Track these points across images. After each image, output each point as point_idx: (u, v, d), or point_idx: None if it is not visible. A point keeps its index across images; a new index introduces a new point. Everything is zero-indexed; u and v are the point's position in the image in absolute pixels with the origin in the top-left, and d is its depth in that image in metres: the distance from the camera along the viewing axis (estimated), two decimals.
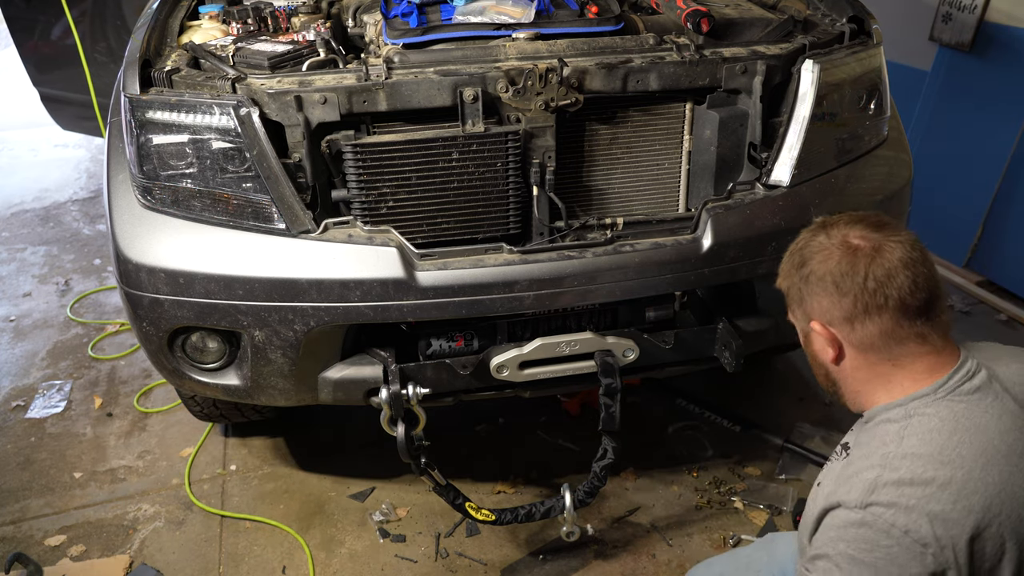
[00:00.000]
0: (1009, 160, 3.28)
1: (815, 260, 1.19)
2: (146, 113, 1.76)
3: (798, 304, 1.24)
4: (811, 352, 1.27)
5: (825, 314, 1.18)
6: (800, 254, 1.22)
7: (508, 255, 1.80)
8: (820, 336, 1.21)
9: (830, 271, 1.16)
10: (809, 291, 1.19)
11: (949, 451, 1.09)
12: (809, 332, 1.23)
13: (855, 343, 1.18)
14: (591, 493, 2.07)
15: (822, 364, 1.26)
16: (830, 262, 1.16)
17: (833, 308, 1.17)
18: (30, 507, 2.49)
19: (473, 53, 1.88)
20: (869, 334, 1.16)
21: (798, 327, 1.28)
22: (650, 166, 2.07)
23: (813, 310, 1.20)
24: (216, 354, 1.93)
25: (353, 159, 1.79)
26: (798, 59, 1.94)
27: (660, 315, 2.06)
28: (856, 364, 1.20)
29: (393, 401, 1.86)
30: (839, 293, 1.15)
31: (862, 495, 1.09)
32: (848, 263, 1.15)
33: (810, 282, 1.19)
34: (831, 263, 1.16)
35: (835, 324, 1.18)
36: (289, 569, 2.25)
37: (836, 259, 1.16)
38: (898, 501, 1.06)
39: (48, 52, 4.15)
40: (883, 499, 1.07)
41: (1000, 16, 3.20)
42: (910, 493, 1.06)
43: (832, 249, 1.17)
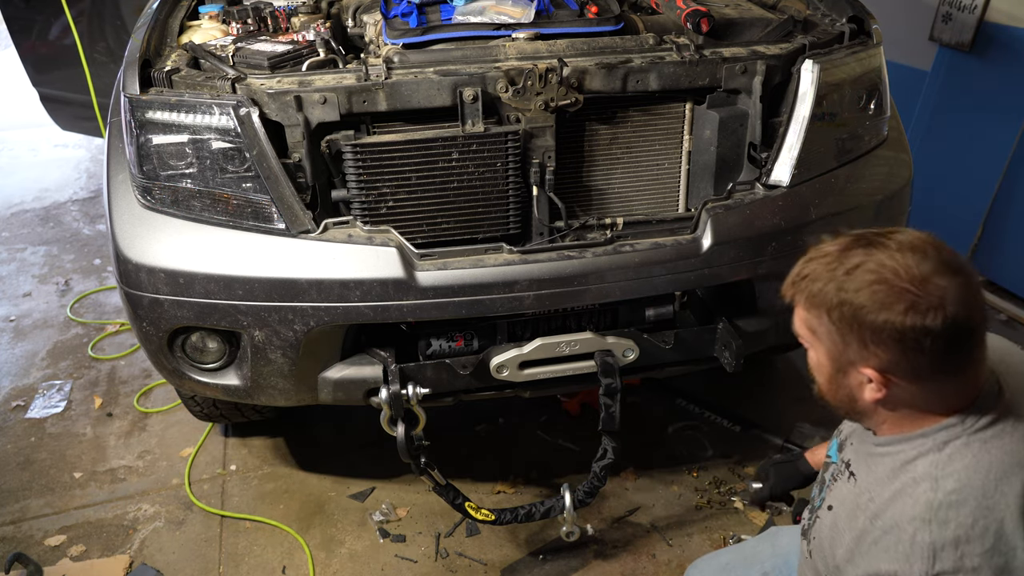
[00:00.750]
0: (1009, 160, 3.28)
1: (890, 309, 0.99)
2: (146, 113, 1.76)
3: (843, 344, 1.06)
4: (839, 383, 1.11)
5: (888, 366, 1.03)
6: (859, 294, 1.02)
7: (508, 255, 1.80)
8: (867, 379, 1.06)
9: (912, 327, 0.98)
10: (875, 341, 1.02)
11: (991, 492, 1.02)
12: (848, 370, 1.08)
13: (913, 393, 1.06)
14: (591, 493, 2.07)
15: (852, 396, 1.11)
16: (911, 316, 0.98)
17: (903, 363, 1.02)
18: (30, 507, 2.49)
19: (473, 53, 1.88)
20: (935, 389, 1.06)
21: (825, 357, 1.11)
22: (650, 166, 2.07)
23: (872, 359, 1.04)
24: (216, 354, 1.93)
25: (353, 159, 1.79)
26: (798, 59, 1.94)
27: (660, 315, 2.06)
28: (900, 404, 1.08)
29: (393, 401, 1.86)
30: (917, 350, 1.00)
31: (924, 566, 1.01)
32: (935, 318, 0.97)
33: (880, 333, 1.00)
34: (914, 317, 0.98)
35: (897, 375, 1.04)
36: (289, 569, 2.25)
37: (921, 312, 0.98)
38: (963, 565, 1.00)
39: (47, 52, 4.15)
40: (947, 567, 1.00)
41: (1000, 16, 3.20)
42: (970, 551, 1.00)
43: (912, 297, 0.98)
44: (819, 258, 1.08)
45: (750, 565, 1.57)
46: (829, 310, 1.05)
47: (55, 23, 4.01)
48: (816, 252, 1.10)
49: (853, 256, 1.04)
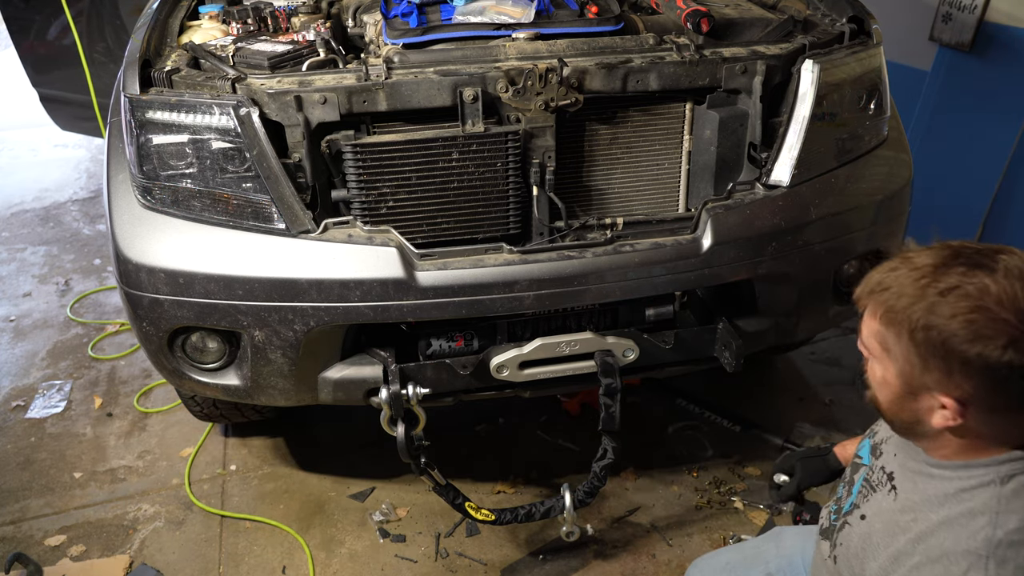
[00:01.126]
0: (1009, 160, 3.28)
1: (984, 344, 0.91)
2: (146, 113, 1.76)
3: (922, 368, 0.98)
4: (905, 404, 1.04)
5: (969, 398, 0.96)
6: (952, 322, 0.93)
7: (508, 255, 1.80)
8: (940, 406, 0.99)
9: (1007, 364, 0.91)
10: (962, 372, 0.94)
11: None
12: (920, 393, 1.00)
13: (984, 425, 0.99)
14: (591, 493, 2.07)
15: (918, 421, 1.04)
16: (1009, 353, 0.91)
17: (987, 397, 0.96)
18: (30, 507, 2.49)
19: (473, 53, 1.88)
20: (1012, 422, 0.99)
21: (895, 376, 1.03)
22: (650, 166, 2.07)
23: (952, 389, 0.96)
24: (216, 354, 1.93)
25: (353, 159, 1.79)
26: (798, 59, 1.94)
27: (660, 315, 2.06)
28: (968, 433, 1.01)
29: (393, 401, 1.86)
30: (1004, 385, 0.93)
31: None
32: None
33: (971, 367, 0.93)
34: (1011, 354, 0.91)
35: (975, 406, 0.97)
36: (289, 569, 2.25)
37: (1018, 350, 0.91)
38: None
39: (46, 52, 4.15)
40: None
41: (1000, 16, 3.20)
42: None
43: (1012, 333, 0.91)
44: (908, 270, 0.98)
45: (753, 565, 1.57)
46: (913, 331, 0.96)
47: (54, 23, 4.01)
48: (904, 262, 1.00)
49: (950, 275, 0.95)
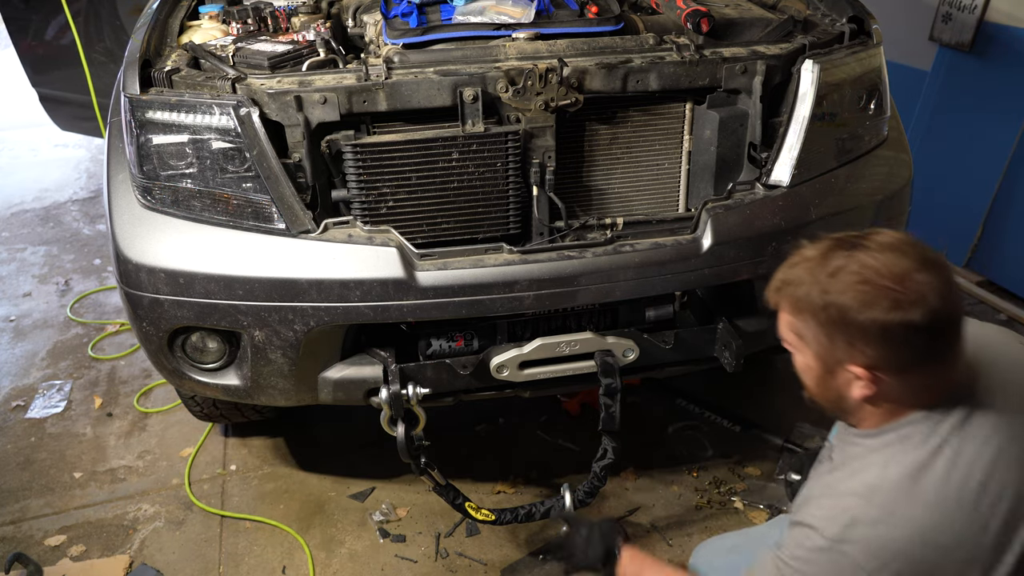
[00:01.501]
0: (1009, 160, 3.28)
1: (874, 307, 1.04)
2: (146, 113, 1.76)
3: (830, 344, 1.10)
4: (828, 384, 1.16)
5: (876, 362, 1.08)
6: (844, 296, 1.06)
7: (508, 255, 1.80)
8: (855, 377, 1.11)
9: (898, 322, 1.03)
10: (862, 339, 1.06)
11: (928, 489, 1.08)
12: (836, 369, 1.12)
13: (898, 387, 1.10)
14: (591, 493, 2.07)
15: (840, 395, 1.16)
16: (896, 312, 1.03)
17: (891, 358, 1.07)
18: (30, 507, 2.49)
19: (473, 53, 1.88)
20: (920, 381, 1.10)
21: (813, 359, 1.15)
22: (650, 166, 2.07)
23: (859, 357, 1.08)
24: (216, 354, 1.93)
25: (353, 159, 1.79)
26: (798, 59, 1.94)
27: (660, 315, 2.06)
28: (886, 399, 1.13)
29: (393, 401, 1.86)
30: (903, 344, 1.05)
31: (839, 530, 1.09)
32: (917, 312, 1.02)
33: (867, 331, 1.05)
34: (898, 313, 1.03)
35: (884, 371, 1.08)
36: (289, 569, 2.25)
37: (904, 308, 1.03)
38: (870, 542, 1.07)
39: (45, 52, 4.15)
40: (855, 537, 1.08)
41: (1000, 16, 3.20)
42: (882, 534, 1.07)
43: (894, 295, 1.03)
44: (801, 263, 1.12)
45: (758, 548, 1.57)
46: (815, 313, 1.09)
47: (52, 23, 4.01)
48: (798, 257, 1.13)
49: (835, 259, 1.08)
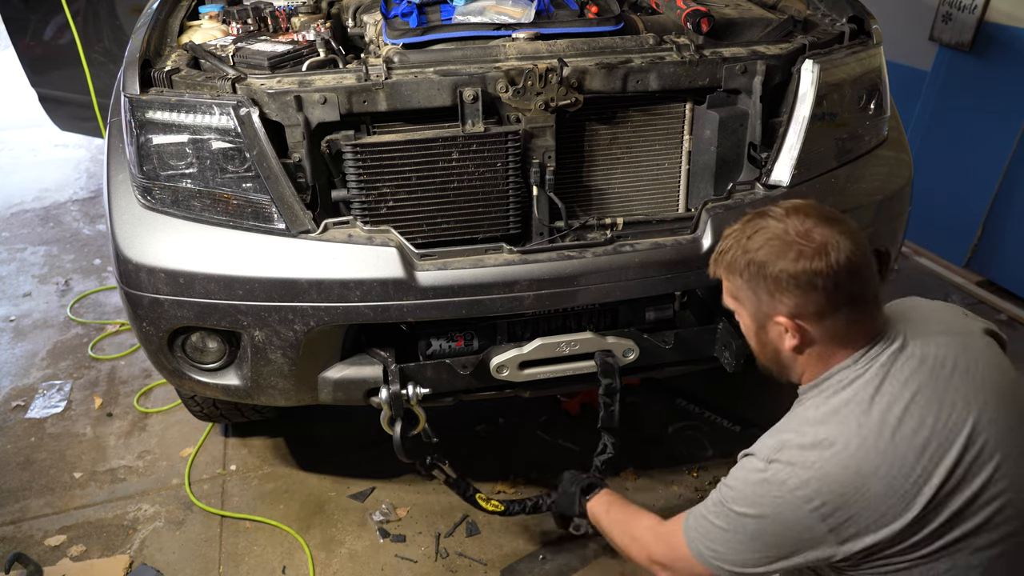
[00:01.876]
0: (1009, 160, 3.28)
1: (783, 259, 1.21)
2: (146, 113, 1.76)
3: (756, 299, 1.27)
4: (764, 339, 1.33)
5: (795, 309, 1.23)
6: (759, 252, 1.24)
7: (508, 255, 1.80)
8: (783, 328, 1.26)
9: (803, 270, 1.20)
10: (778, 289, 1.23)
11: (851, 420, 1.20)
12: (766, 323, 1.29)
13: (821, 333, 1.25)
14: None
15: (776, 350, 1.32)
16: (802, 261, 1.20)
17: (806, 304, 1.22)
18: (30, 507, 2.49)
19: (473, 53, 1.88)
20: (837, 324, 1.24)
21: (748, 317, 1.33)
22: (650, 166, 2.07)
23: (780, 306, 1.24)
24: (216, 354, 1.93)
25: (353, 159, 1.79)
26: (798, 59, 1.94)
27: (660, 315, 2.06)
28: (814, 350, 1.28)
29: (393, 401, 1.86)
30: (812, 290, 1.20)
31: (770, 452, 1.24)
32: (820, 261, 1.19)
33: (780, 281, 1.22)
34: (803, 262, 1.20)
35: (804, 318, 1.24)
36: (289, 569, 2.25)
37: (808, 257, 1.19)
38: (796, 461, 1.20)
39: (44, 52, 4.14)
40: (785, 458, 1.22)
41: (1000, 16, 3.20)
42: (809, 457, 1.19)
43: (799, 246, 1.21)
44: (730, 235, 1.32)
45: None
46: (741, 272, 1.28)
47: (51, 22, 4.01)
48: (726, 231, 1.34)
49: (751, 226, 1.28)
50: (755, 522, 1.24)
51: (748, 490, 1.25)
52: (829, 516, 1.18)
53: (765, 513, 1.22)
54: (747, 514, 1.25)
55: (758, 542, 1.25)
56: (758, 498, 1.23)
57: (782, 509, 1.20)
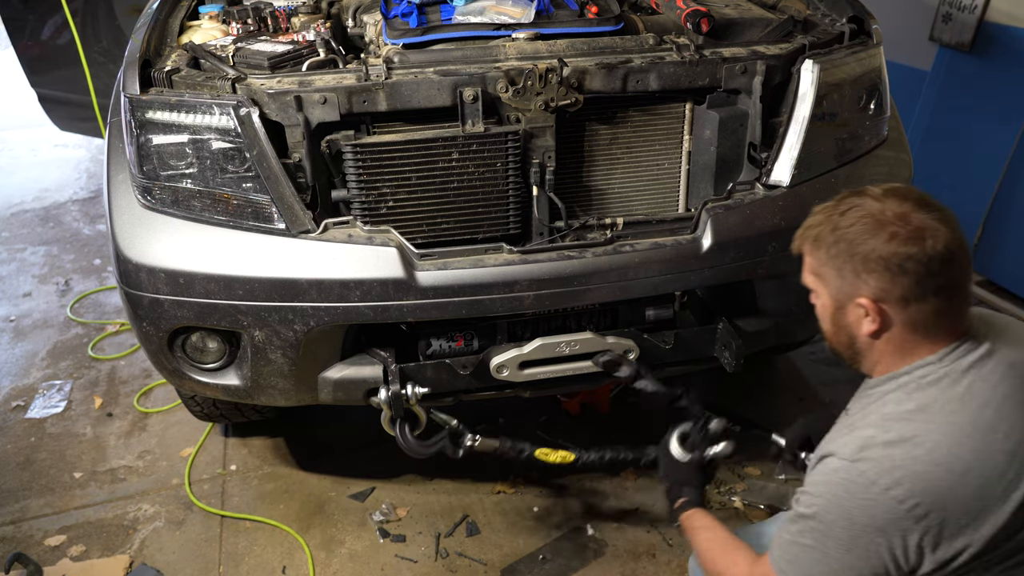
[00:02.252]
0: (1009, 160, 3.28)
1: (875, 238, 1.15)
2: (146, 113, 1.76)
3: (840, 278, 1.20)
4: (840, 322, 1.25)
5: (879, 292, 1.17)
6: (850, 229, 1.18)
7: (508, 255, 1.80)
8: (864, 311, 1.20)
9: (895, 252, 1.14)
10: (866, 269, 1.17)
11: (940, 419, 1.15)
12: (847, 304, 1.22)
13: (903, 321, 1.18)
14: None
15: (852, 336, 1.25)
16: (894, 242, 1.14)
17: (892, 288, 1.16)
18: (30, 507, 2.49)
19: (473, 53, 1.88)
20: (921, 314, 1.17)
21: (828, 296, 1.25)
22: (650, 166, 2.07)
23: (865, 288, 1.18)
24: (216, 354, 1.93)
25: (353, 159, 1.79)
26: (798, 59, 1.94)
27: (660, 315, 2.06)
28: (892, 338, 1.21)
29: (393, 401, 1.86)
30: (901, 274, 1.14)
31: (855, 451, 1.16)
32: (914, 245, 1.13)
33: (869, 260, 1.16)
34: (896, 244, 1.14)
35: (888, 302, 1.17)
36: (289, 569, 2.25)
37: (901, 240, 1.14)
38: (883, 460, 1.13)
39: (41, 52, 4.14)
40: (871, 456, 1.15)
41: (1000, 16, 3.20)
42: (897, 454, 1.13)
43: (893, 227, 1.15)
44: (818, 212, 1.27)
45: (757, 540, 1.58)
46: (828, 247, 1.22)
47: (48, 22, 4.01)
48: (816, 208, 1.28)
49: (845, 203, 1.22)
50: (845, 530, 1.15)
51: (833, 494, 1.17)
52: (923, 518, 1.11)
53: (855, 518, 1.14)
54: (836, 522, 1.16)
55: (852, 554, 1.16)
56: (846, 501, 1.15)
57: (875, 512, 1.13)
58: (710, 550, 1.45)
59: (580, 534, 2.33)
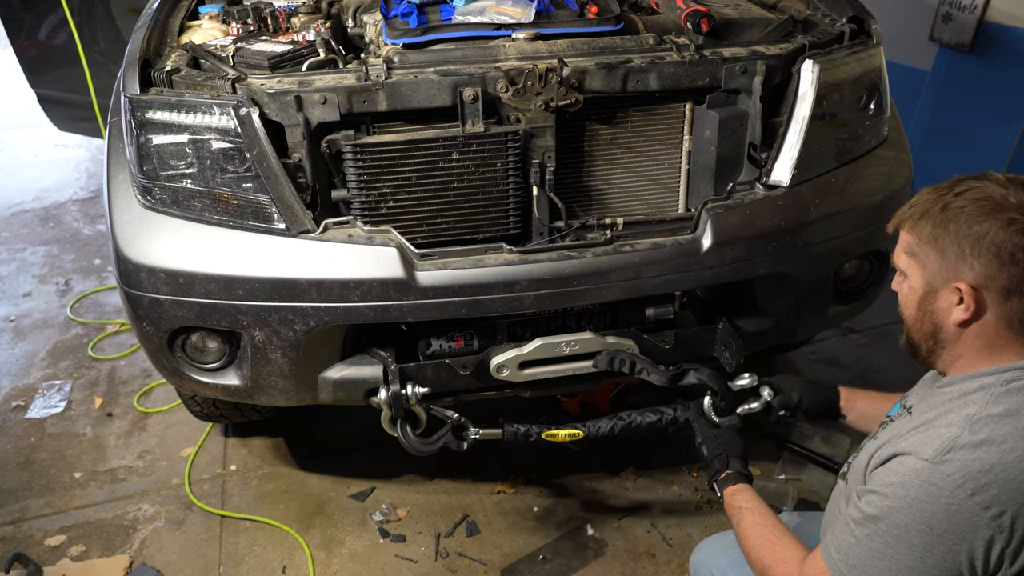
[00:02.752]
0: (1009, 160, 3.29)
1: (991, 221, 1.10)
2: (146, 113, 1.76)
3: (941, 258, 1.15)
4: (928, 308, 1.19)
5: (982, 279, 1.12)
6: (965, 209, 1.12)
7: (508, 255, 1.80)
8: (960, 298, 1.14)
9: (1010, 240, 1.09)
10: (974, 251, 1.11)
11: None
12: (941, 289, 1.16)
13: (999, 314, 1.13)
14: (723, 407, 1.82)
15: (938, 323, 1.18)
16: (1011, 230, 1.09)
17: (998, 277, 1.11)
18: (30, 507, 2.49)
19: (473, 53, 1.88)
20: (1019, 310, 1.12)
21: (921, 278, 1.19)
22: (650, 166, 2.07)
23: (968, 272, 1.12)
24: (216, 354, 1.93)
25: (353, 159, 1.79)
26: (798, 59, 1.93)
27: (660, 315, 2.06)
28: (983, 331, 1.15)
29: (393, 401, 1.86)
30: (1012, 263, 1.09)
31: (937, 452, 1.09)
32: None
33: (979, 242, 1.10)
34: (1012, 232, 1.09)
35: (988, 290, 1.12)
36: (289, 569, 2.25)
37: (1018, 228, 1.09)
38: (972, 463, 1.07)
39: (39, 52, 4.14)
40: (958, 458, 1.08)
41: (1000, 16, 3.20)
42: (985, 457, 1.07)
43: (1012, 215, 1.09)
44: (928, 192, 1.19)
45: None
46: (934, 225, 1.15)
47: (45, 22, 4.01)
48: (925, 189, 1.20)
49: (962, 184, 1.15)
50: (922, 535, 1.09)
51: (911, 496, 1.10)
52: (1008, 528, 1.06)
53: (935, 523, 1.08)
54: (911, 526, 1.09)
55: (926, 561, 1.09)
56: (926, 505, 1.08)
57: (957, 518, 1.06)
58: (757, 540, 1.37)
59: (580, 534, 2.33)
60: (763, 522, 1.38)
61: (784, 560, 1.29)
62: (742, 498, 1.46)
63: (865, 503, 1.15)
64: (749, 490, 1.48)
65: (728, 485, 1.51)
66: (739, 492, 1.48)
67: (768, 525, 1.37)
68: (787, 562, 1.29)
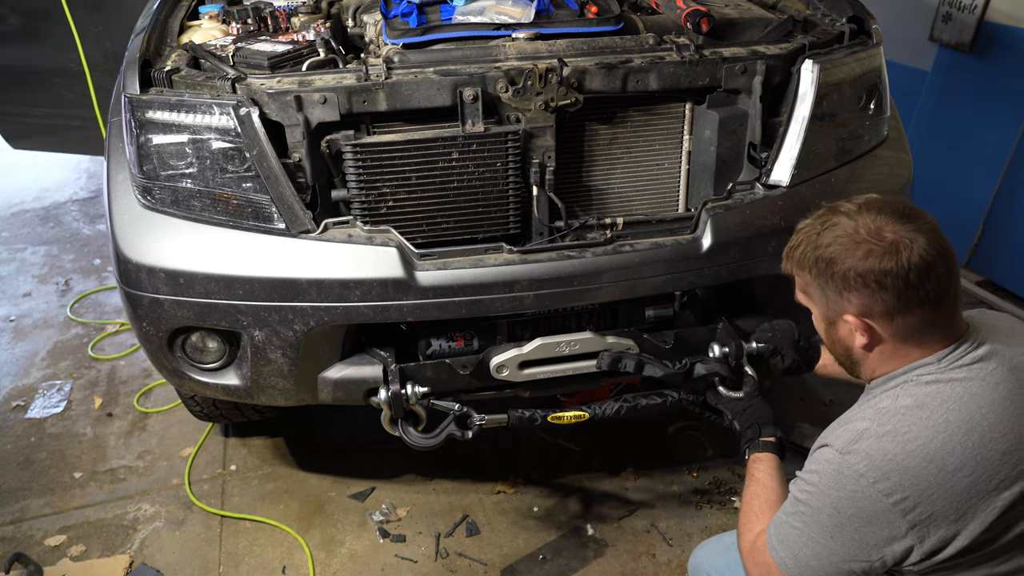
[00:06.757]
0: (1009, 160, 3.28)
1: (851, 257, 1.17)
2: (146, 113, 1.76)
3: (825, 297, 1.24)
4: (834, 336, 1.29)
5: (863, 309, 1.19)
6: (828, 249, 1.20)
7: (508, 255, 1.80)
8: (852, 327, 1.22)
9: (871, 269, 1.15)
10: (846, 287, 1.19)
11: (937, 416, 1.16)
12: (836, 321, 1.25)
13: (891, 333, 1.21)
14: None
15: (847, 347, 1.28)
16: (870, 260, 1.16)
17: (874, 304, 1.18)
18: (30, 507, 2.49)
19: (473, 53, 1.88)
20: (908, 325, 1.19)
21: (818, 314, 1.29)
22: (650, 166, 2.07)
23: (848, 306, 1.20)
24: (216, 354, 1.93)
25: (353, 159, 1.79)
26: (798, 59, 1.93)
27: (660, 315, 2.06)
28: (884, 348, 1.23)
29: (393, 401, 1.86)
30: (881, 289, 1.16)
31: (847, 443, 1.19)
32: (890, 260, 1.14)
33: (848, 279, 1.18)
34: (872, 261, 1.15)
35: (873, 317, 1.20)
36: (289, 569, 2.25)
37: (877, 256, 1.15)
38: (875, 453, 1.15)
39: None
40: (863, 448, 1.17)
41: (1000, 16, 3.20)
42: (888, 448, 1.15)
43: (868, 245, 1.16)
44: (802, 229, 1.29)
45: None
46: (810, 268, 1.24)
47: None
48: (800, 225, 1.30)
49: (822, 222, 1.24)
50: (832, 518, 1.18)
51: (824, 484, 1.20)
52: (910, 511, 1.13)
53: (842, 508, 1.17)
54: (822, 510, 1.19)
55: (836, 541, 1.19)
56: (834, 492, 1.18)
57: (861, 504, 1.15)
58: (747, 508, 1.45)
59: (580, 534, 2.33)
60: (760, 493, 1.46)
61: (751, 530, 1.38)
62: (757, 467, 1.53)
63: (794, 487, 1.27)
64: (770, 460, 1.53)
65: (755, 452, 1.57)
66: (759, 461, 1.54)
67: (762, 497, 1.45)
68: (752, 532, 1.38)
